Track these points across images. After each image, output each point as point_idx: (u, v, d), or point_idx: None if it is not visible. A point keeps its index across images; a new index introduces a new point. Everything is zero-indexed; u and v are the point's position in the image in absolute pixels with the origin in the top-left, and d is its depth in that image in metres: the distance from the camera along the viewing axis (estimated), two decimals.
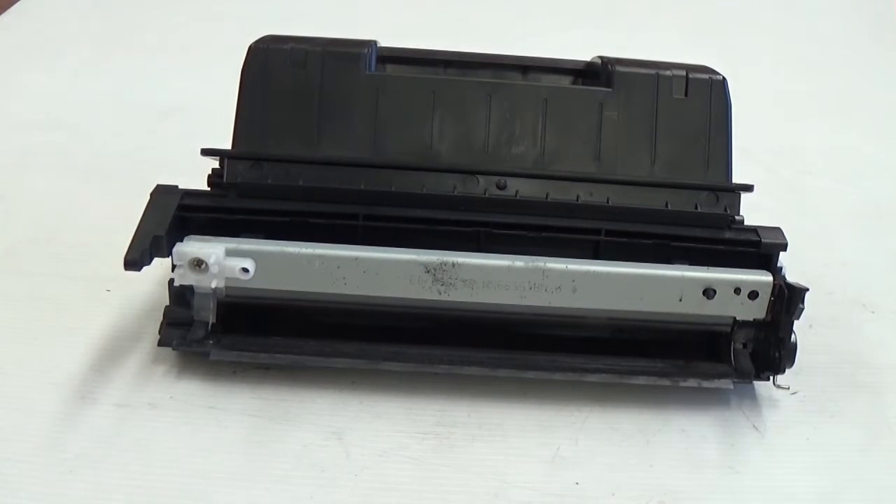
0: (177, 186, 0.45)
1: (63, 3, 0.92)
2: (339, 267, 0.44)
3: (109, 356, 0.46)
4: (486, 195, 0.45)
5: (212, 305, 0.45)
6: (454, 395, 0.46)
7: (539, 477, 0.42)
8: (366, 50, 0.47)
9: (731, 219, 0.46)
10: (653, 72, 0.47)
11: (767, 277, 0.44)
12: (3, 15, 0.89)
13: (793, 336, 0.44)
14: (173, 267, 0.43)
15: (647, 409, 0.46)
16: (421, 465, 0.42)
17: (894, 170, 0.70)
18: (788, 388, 0.46)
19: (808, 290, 0.43)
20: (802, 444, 0.45)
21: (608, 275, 0.44)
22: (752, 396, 0.47)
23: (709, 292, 0.44)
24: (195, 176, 0.47)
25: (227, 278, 0.43)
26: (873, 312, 0.54)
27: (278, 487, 0.40)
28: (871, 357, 0.51)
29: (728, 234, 0.46)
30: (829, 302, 0.54)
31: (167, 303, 0.45)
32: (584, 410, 0.46)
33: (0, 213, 0.59)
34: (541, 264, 0.44)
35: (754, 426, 0.45)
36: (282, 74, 0.46)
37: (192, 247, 0.43)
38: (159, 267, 0.44)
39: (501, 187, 0.45)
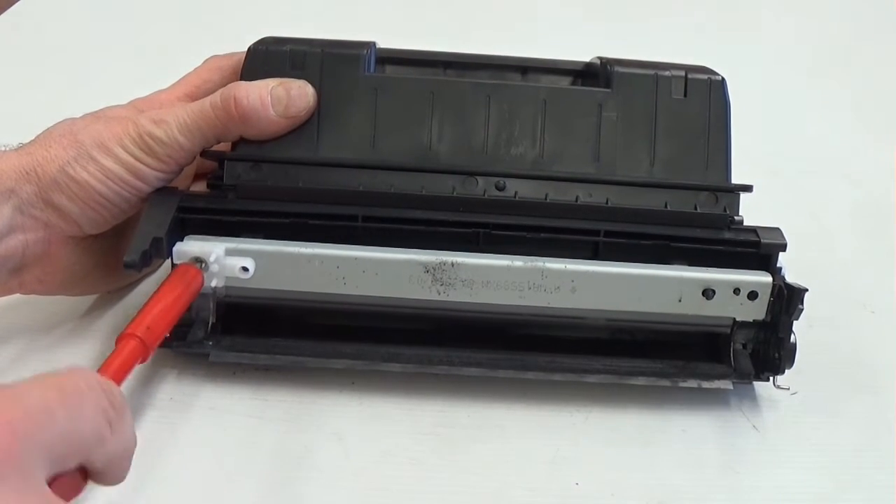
0: (176, 188, 0.46)
1: (63, 3, 0.92)
2: (338, 266, 0.44)
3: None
4: (486, 196, 0.45)
5: (211, 306, 0.45)
6: (454, 396, 0.46)
7: (539, 477, 0.42)
8: (365, 51, 0.47)
9: (730, 219, 0.46)
10: (651, 72, 0.47)
11: (767, 278, 0.44)
12: (3, 15, 0.89)
13: (792, 336, 0.44)
14: (173, 267, 0.43)
15: (647, 410, 0.46)
16: (421, 465, 0.42)
17: (894, 170, 0.70)
18: (788, 389, 0.46)
19: (807, 290, 0.43)
20: (802, 444, 0.45)
21: (607, 275, 0.44)
22: (752, 397, 0.47)
23: (708, 293, 0.44)
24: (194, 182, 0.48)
25: (226, 278, 0.43)
26: (873, 312, 0.54)
27: (278, 488, 0.40)
28: (871, 357, 0.51)
29: (727, 235, 0.46)
30: (829, 302, 0.54)
31: None
32: (584, 411, 0.46)
33: None
34: (540, 264, 0.44)
35: (754, 426, 0.45)
36: (281, 76, 0.46)
37: (193, 246, 0.43)
38: (162, 266, 0.44)
39: (501, 188, 0.45)
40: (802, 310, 0.43)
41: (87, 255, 0.45)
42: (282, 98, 0.44)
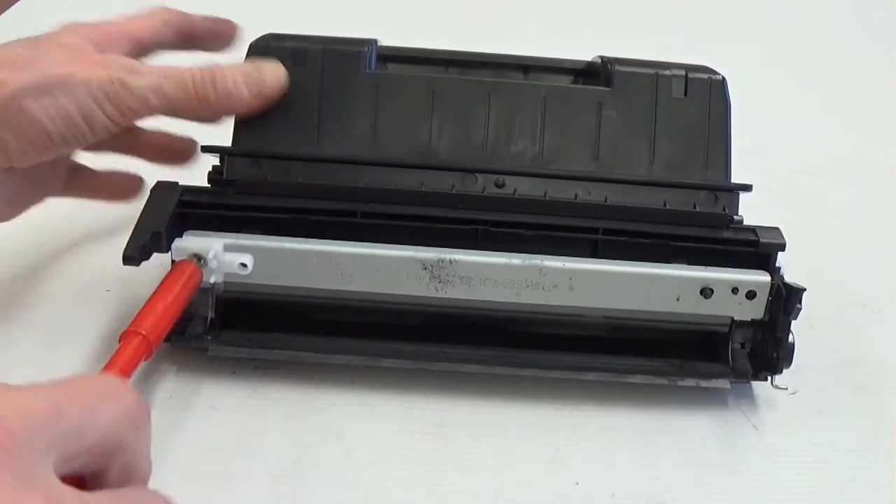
0: (177, 183, 0.45)
1: (63, 3, 0.92)
2: (336, 263, 0.44)
3: (109, 357, 0.46)
4: (485, 193, 0.45)
5: (210, 301, 0.45)
6: (454, 395, 0.46)
7: (539, 477, 0.42)
8: (365, 48, 0.47)
9: (729, 218, 0.46)
10: (652, 71, 0.47)
11: (765, 277, 0.44)
12: (3, 15, 0.89)
13: (790, 336, 0.43)
14: (172, 263, 0.43)
15: (647, 410, 0.46)
16: (421, 465, 0.42)
17: (894, 170, 0.70)
18: (787, 389, 0.46)
19: (805, 290, 0.43)
20: (802, 444, 0.44)
21: (605, 273, 0.44)
22: (752, 396, 0.47)
23: (706, 292, 0.44)
24: (196, 176, 0.47)
25: (225, 273, 0.43)
26: (873, 312, 0.54)
27: (278, 487, 0.40)
28: (871, 357, 0.50)
29: (726, 234, 0.46)
30: (829, 302, 0.54)
31: None
32: (584, 410, 0.45)
33: None
34: (538, 262, 0.44)
35: (754, 426, 0.45)
36: None
37: (191, 242, 0.43)
38: (158, 266, 0.44)
39: (500, 185, 0.45)
40: (801, 309, 0.43)
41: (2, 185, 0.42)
42: (254, 79, 0.43)
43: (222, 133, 0.47)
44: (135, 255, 0.41)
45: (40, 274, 0.53)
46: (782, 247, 0.45)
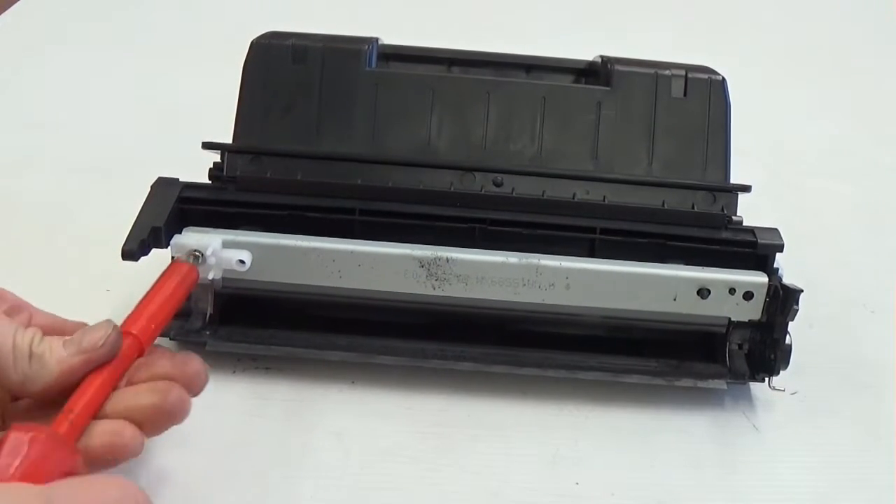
0: (177, 179, 0.46)
1: (63, 3, 0.93)
2: (334, 260, 0.44)
3: None
4: (483, 192, 0.45)
5: (210, 297, 0.45)
6: (454, 395, 0.46)
7: (539, 477, 0.42)
8: (366, 46, 0.47)
9: (727, 219, 0.46)
10: (652, 71, 0.47)
11: (762, 278, 0.44)
12: (3, 15, 0.89)
13: (787, 338, 0.43)
14: (172, 259, 0.43)
15: (647, 410, 0.46)
16: (421, 464, 0.42)
17: (894, 170, 0.70)
18: (784, 390, 0.46)
19: (802, 291, 0.42)
20: (802, 444, 0.44)
21: (601, 273, 0.44)
22: (752, 397, 0.47)
23: (703, 292, 0.44)
24: (196, 175, 0.47)
25: (223, 270, 0.43)
26: (873, 312, 0.54)
27: (278, 487, 0.40)
28: (871, 357, 0.50)
29: (724, 234, 0.45)
30: (829, 302, 0.54)
31: None
32: (584, 410, 0.45)
33: (0, 213, 0.59)
34: (534, 261, 0.44)
35: (754, 426, 0.45)
36: (282, 70, 0.46)
37: (190, 238, 0.43)
38: (160, 266, 0.44)
39: (498, 184, 0.45)
40: (797, 311, 0.43)
41: None
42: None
43: (223, 130, 0.47)
44: (133, 249, 0.41)
45: (40, 274, 0.53)
46: (780, 248, 0.45)
